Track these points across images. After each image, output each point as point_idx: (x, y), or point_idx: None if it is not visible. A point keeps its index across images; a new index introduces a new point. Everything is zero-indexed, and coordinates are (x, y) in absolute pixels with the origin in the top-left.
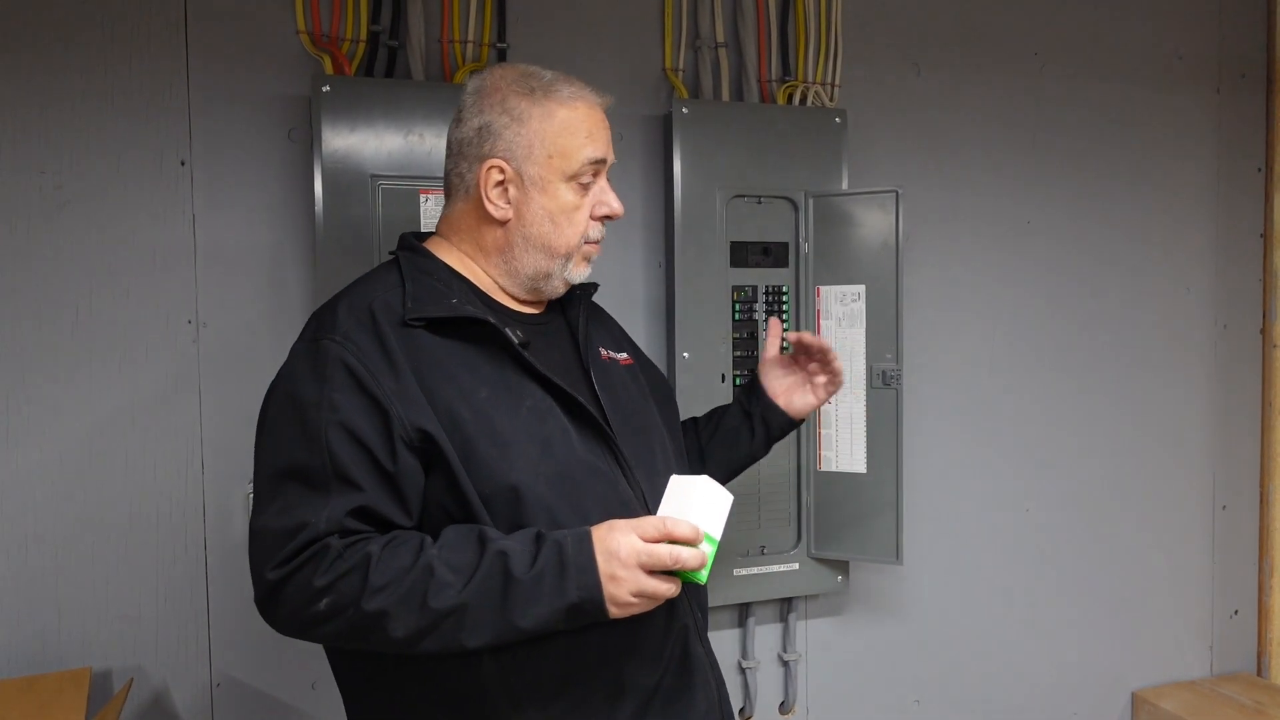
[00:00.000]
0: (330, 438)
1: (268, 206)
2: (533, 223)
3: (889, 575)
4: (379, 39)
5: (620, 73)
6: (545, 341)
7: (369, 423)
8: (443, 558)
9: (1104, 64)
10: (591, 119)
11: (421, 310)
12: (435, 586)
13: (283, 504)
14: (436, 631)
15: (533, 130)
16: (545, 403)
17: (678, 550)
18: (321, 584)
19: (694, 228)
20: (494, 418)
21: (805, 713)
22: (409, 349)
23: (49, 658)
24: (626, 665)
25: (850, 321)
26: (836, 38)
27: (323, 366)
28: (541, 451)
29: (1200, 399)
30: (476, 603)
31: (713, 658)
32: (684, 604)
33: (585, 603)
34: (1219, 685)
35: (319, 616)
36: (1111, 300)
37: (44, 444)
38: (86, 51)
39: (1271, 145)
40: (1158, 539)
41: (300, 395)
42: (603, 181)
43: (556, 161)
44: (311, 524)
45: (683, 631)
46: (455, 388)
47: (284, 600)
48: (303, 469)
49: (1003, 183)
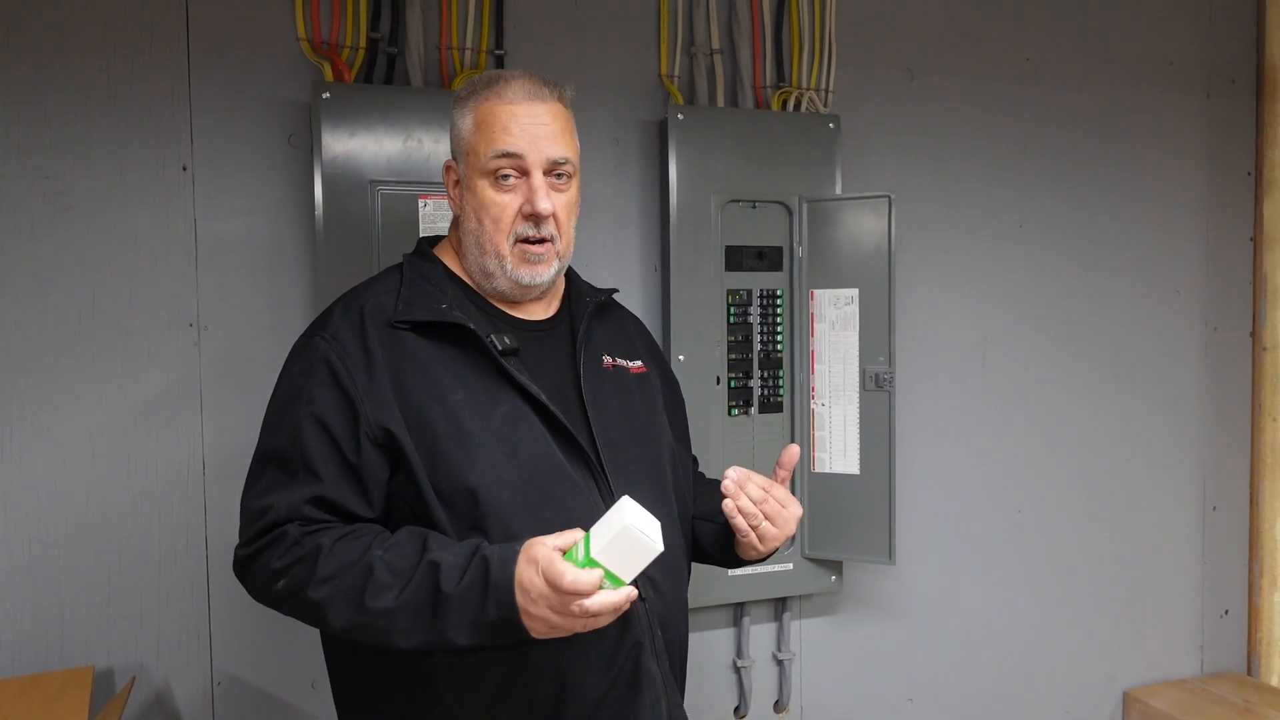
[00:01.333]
0: (304, 428)
1: (268, 211)
2: (467, 218)
3: (882, 575)
4: (378, 46)
5: (616, 79)
6: (542, 348)
7: (339, 416)
8: (385, 559)
9: (1095, 69)
10: (507, 115)
11: (409, 314)
12: (373, 587)
13: (262, 485)
14: (370, 629)
15: (458, 131)
16: (521, 409)
17: (586, 608)
18: (278, 566)
19: (689, 232)
20: (464, 420)
21: (799, 711)
22: (391, 350)
23: (52, 656)
24: (571, 672)
25: (843, 325)
26: (830, 44)
27: (309, 362)
28: (508, 457)
29: (1190, 401)
30: (406, 611)
31: (669, 680)
32: (641, 620)
33: (503, 622)
34: (1209, 684)
35: (279, 595)
36: (1103, 303)
37: (47, 445)
38: (89, 58)
39: (1261, 150)
40: (1149, 540)
41: (288, 386)
42: (535, 179)
43: (472, 159)
44: (274, 509)
45: (636, 647)
46: (432, 389)
47: (250, 576)
48: (280, 454)
49: (994, 187)
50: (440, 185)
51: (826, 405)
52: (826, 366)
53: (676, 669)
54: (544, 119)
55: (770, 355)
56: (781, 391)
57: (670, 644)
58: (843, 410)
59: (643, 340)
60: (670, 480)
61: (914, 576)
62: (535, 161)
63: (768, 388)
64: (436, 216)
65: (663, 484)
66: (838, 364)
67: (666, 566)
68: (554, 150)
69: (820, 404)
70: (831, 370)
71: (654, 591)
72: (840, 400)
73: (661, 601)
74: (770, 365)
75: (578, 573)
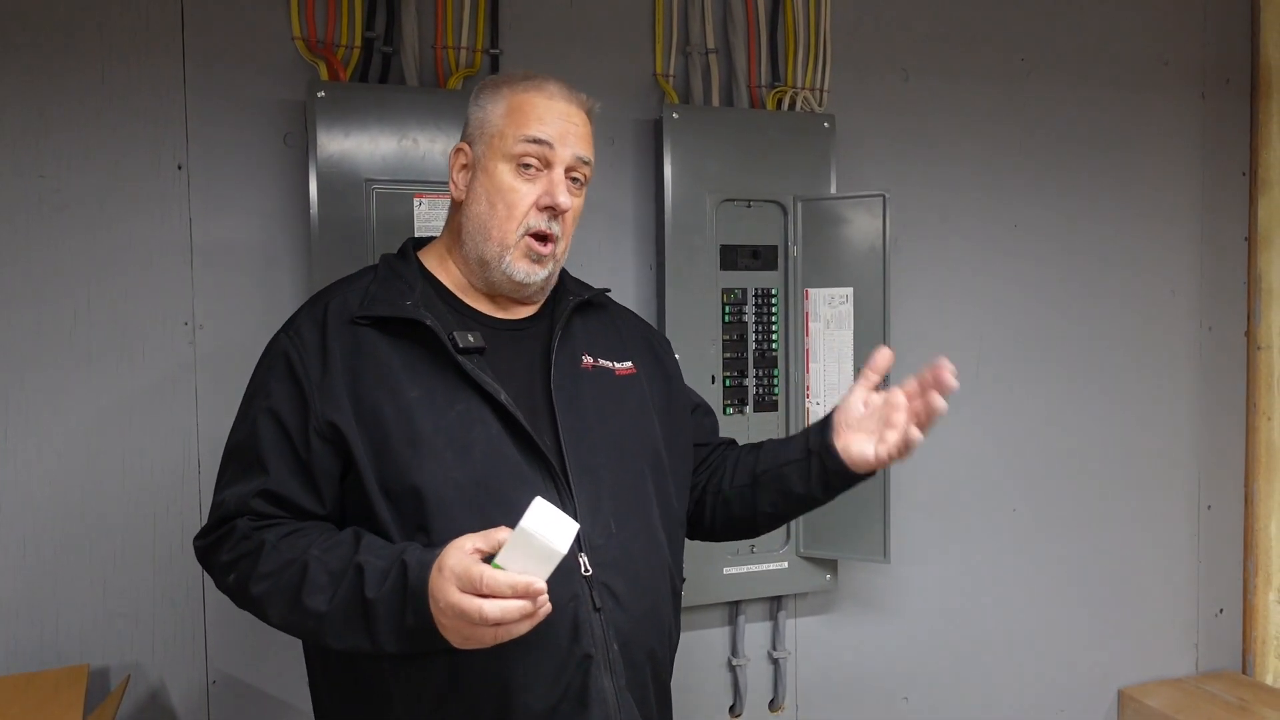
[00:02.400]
0: (259, 421)
1: (263, 209)
2: (474, 201)
3: (877, 574)
4: (373, 45)
5: (612, 78)
6: (515, 347)
7: (292, 410)
8: (322, 559)
9: (1090, 69)
10: (543, 107)
11: (370, 310)
12: (308, 587)
13: (224, 479)
14: (304, 628)
15: (486, 113)
16: (478, 408)
17: (484, 609)
18: (226, 560)
19: (684, 231)
20: (416, 418)
21: (794, 710)
22: (349, 346)
23: (47, 655)
24: (513, 685)
25: (838, 324)
26: (825, 43)
27: (272, 357)
28: (459, 456)
29: (1185, 400)
30: (336, 614)
31: (624, 698)
32: (593, 633)
33: (423, 630)
34: (1204, 683)
35: (231, 588)
36: (1098, 302)
37: (42, 443)
38: (84, 57)
39: (1256, 149)
40: (1144, 539)
41: (253, 382)
42: (556, 173)
43: (497, 141)
44: (226, 502)
45: (585, 662)
46: (387, 386)
47: (209, 568)
48: (239, 448)
49: (989, 186)
50: (436, 185)
51: (821, 404)
52: (821, 365)
53: (645, 685)
54: (576, 120)
55: (765, 354)
56: (776, 390)
57: (633, 659)
58: None
59: (641, 340)
60: (652, 487)
61: (909, 575)
62: (562, 156)
63: (763, 387)
64: (432, 216)
65: (638, 489)
66: (832, 363)
67: (634, 576)
68: (580, 148)
69: (815, 403)
70: (826, 369)
71: (614, 603)
72: (835, 399)
73: (624, 614)
74: (765, 364)
75: (493, 574)
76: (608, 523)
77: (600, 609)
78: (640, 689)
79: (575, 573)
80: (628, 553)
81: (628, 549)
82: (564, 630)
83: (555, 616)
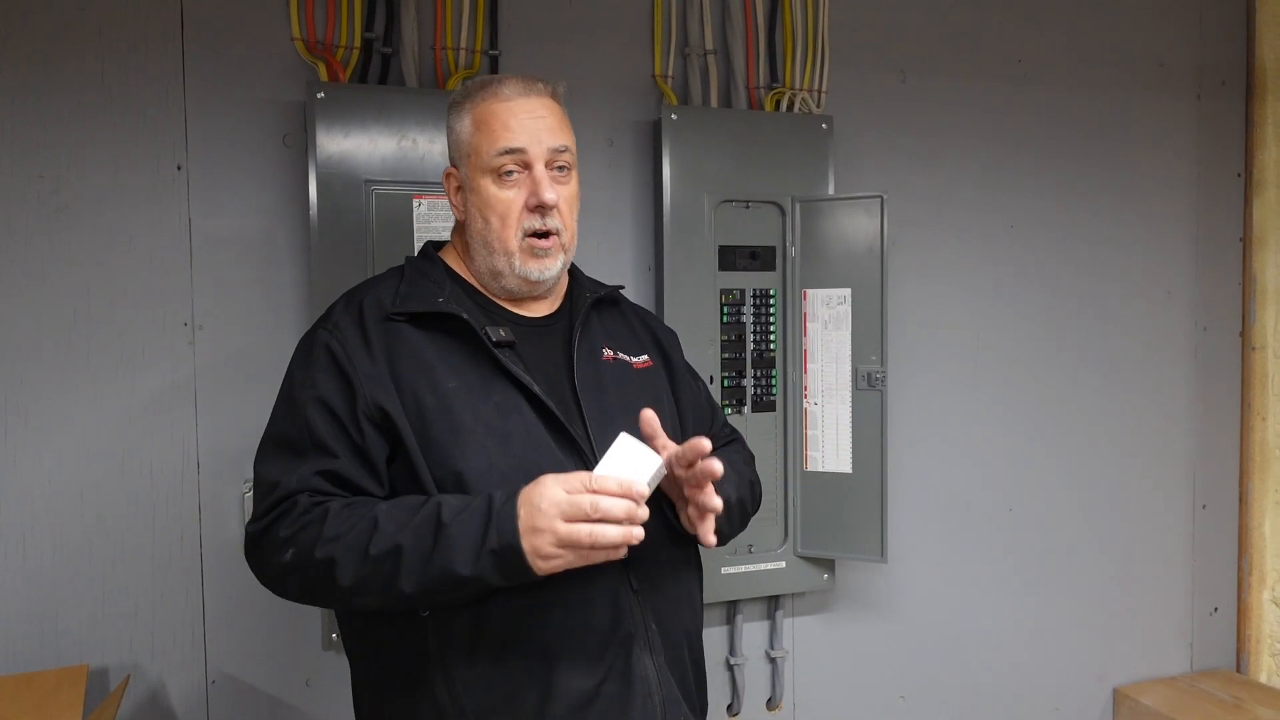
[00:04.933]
0: (310, 410)
1: (263, 210)
2: (474, 221)
3: (874, 573)
4: (373, 46)
5: (610, 79)
6: (540, 343)
7: (341, 398)
8: (389, 513)
9: (1086, 71)
10: (505, 113)
11: (405, 306)
12: (378, 537)
13: (274, 467)
14: (376, 576)
15: (456, 136)
16: (514, 399)
17: (597, 499)
18: (285, 535)
19: (683, 232)
20: (455, 407)
21: (792, 709)
22: (389, 339)
23: (47, 655)
24: (559, 664)
25: (836, 324)
26: (823, 45)
27: (313, 351)
28: (499, 444)
29: (1181, 400)
30: (410, 545)
31: (665, 676)
32: (633, 613)
33: (505, 550)
34: (1199, 681)
35: (286, 567)
36: (1094, 303)
37: (42, 444)
38: (84, 58)
39: (1250, 150)
40: (1139, 538)
41: (293, 375)
42: (538, 171)
43: (474, 160)
44: (284, 483)
45: (627, 640)
46: (426, 377)
47: (259, 552)
48: (287, 438)
49: (986, 187)
50: (434, 185)
51: (819, 404)
52: (819, 366)
53: (684, 663)
54: (540, 112)
55: (763, 354)
56: (774, 391)
57: (671, 639)
58: (835, 409)
59: (653, 336)
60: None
61: (906, 575)
62: (537, 154)
63: (761, 387)
64: (431, 216)
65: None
66: (830, 363)
67: (662, 560)
68: (553, 140)
69: (813, 403)
70: (824, 369)
71: (649, 585)
72: (833, 399)
73: (659, 595)
74: (763, 364)
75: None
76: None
77: (638, 590)
78: (679, 667)
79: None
80: (660, 536)
81: (660, 532)
82: (604, 611)
83: (596, 597)
